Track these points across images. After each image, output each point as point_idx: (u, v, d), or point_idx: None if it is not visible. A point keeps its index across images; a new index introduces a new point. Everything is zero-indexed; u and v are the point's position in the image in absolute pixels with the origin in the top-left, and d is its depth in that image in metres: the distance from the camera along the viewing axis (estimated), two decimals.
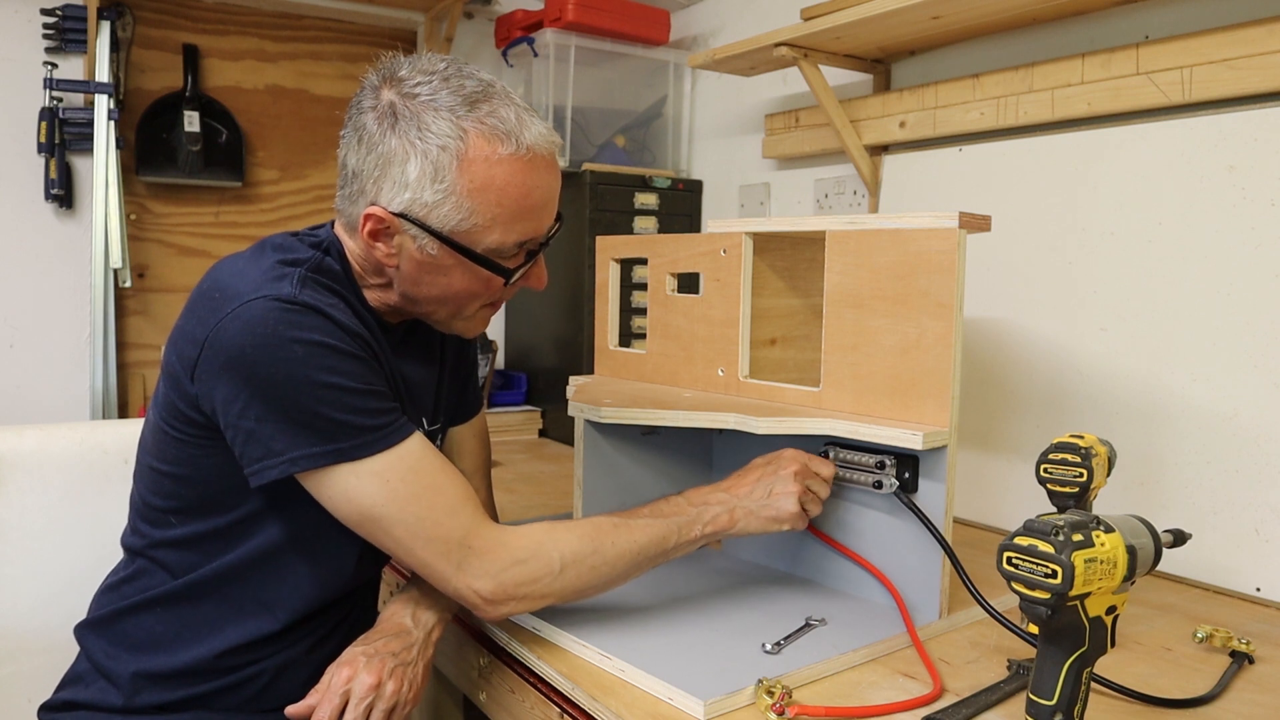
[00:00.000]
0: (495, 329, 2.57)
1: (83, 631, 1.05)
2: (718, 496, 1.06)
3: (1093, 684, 0.78)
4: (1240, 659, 1.01)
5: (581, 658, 0.97)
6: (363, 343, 0.93)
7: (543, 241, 1.01)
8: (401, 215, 0.93)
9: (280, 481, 0.89)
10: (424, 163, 0.90)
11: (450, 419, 1.22)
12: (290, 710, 0.91)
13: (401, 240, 0.95)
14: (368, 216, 0.93)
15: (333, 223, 1.05)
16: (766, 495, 1.07)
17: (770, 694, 0.85)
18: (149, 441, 1.00)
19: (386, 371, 0.99)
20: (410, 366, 1.08)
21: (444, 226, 0.93)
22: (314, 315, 0.88)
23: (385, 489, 0.90)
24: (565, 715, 0.92)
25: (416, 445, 0.93)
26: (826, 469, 1.11)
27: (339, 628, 1.08)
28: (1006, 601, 1.15)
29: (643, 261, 1.42)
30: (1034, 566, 0.67)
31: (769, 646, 0.97)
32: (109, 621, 1.02)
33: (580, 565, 0.95)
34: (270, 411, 0.87)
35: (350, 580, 1.06)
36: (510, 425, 2.36)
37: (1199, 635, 1.05)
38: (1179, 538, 0.88)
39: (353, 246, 1.01)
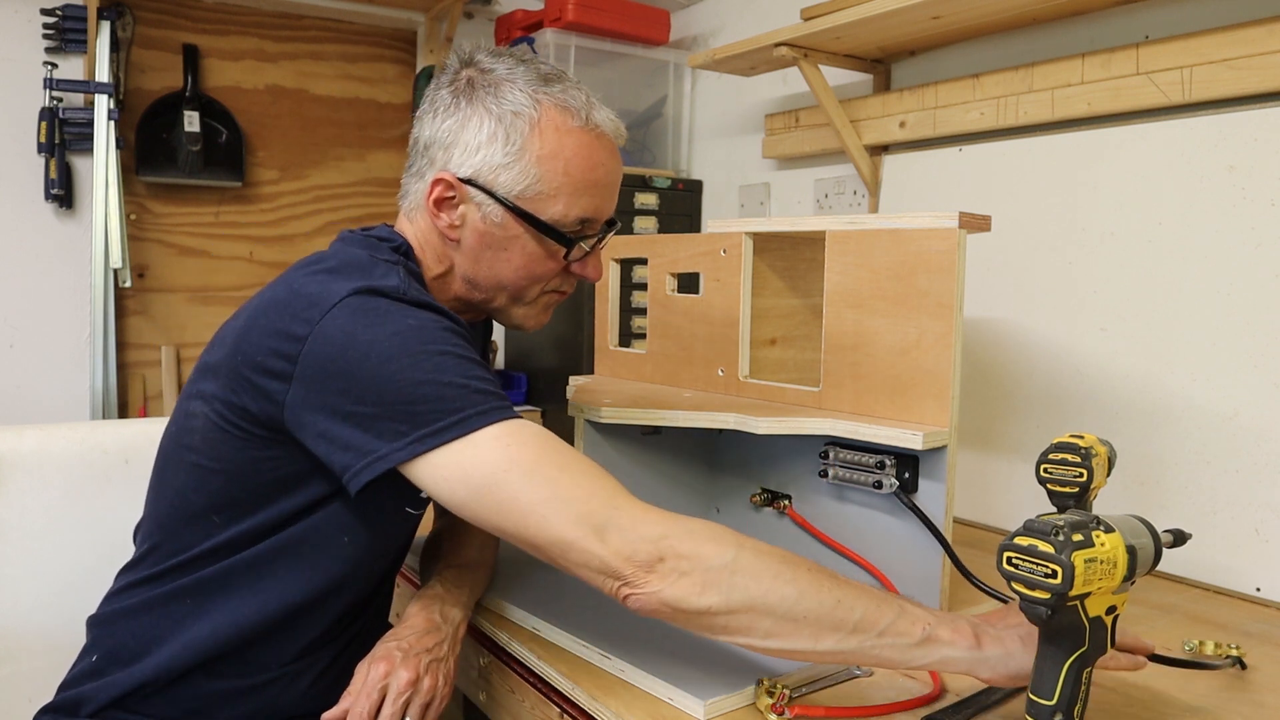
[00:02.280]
0: (495, 329, 2.57)
1: (98, 622, 1.03)
2: (963, 616, 0.84)
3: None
4: (1234, 664, 1.01)
5: (581, 658, 0.97)
6: (464, 329, 0.92)
7: (602, 231, 1.01)
8: (469, 181, 0.94)
9: (370, 483, 0.84)
10: (497, 126, 0.93)
11: None
12: (327, 716, 0.89)
13: (466, 210, 0.96)
14: (436, 181, 0.95)
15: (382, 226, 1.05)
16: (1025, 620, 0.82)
17: (770, 694, 0.85)
18: (194, 439, 0.96)
19: None
20: None
21: (510, 191, 0.94)
22: (425, 309, 0.88)
23: (505, 455, 0.81)
24: (565, 715, 0.92)
25: (538, 427, 0.86)
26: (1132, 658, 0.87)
27: (355, 638, 1.06)
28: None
29: (643, 261, 1.42)
30: (1034, 566, 0.67)
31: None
32: (130, 614, 1.01)
33: (760, 567, 0.79)
34: (385, 400, 0.82)
35: (365, 586, 1.05)
36: None
37: (1188, 646, 1.05)
38: (1179, 538, 0.88)
39: (417, 236, 1.01)
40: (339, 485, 0.88)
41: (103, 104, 1.94)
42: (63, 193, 1.98)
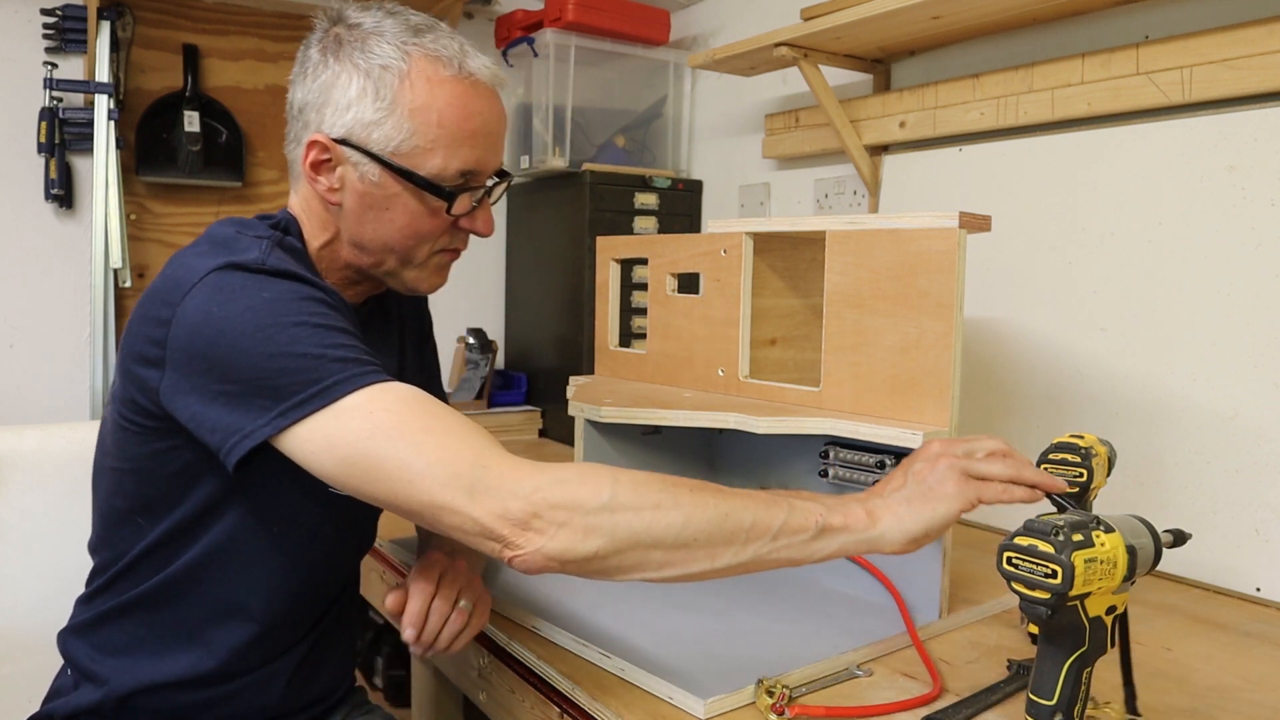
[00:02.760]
0: (495, 329, 2.57)
1: (65, 638, 1.02)
2: (851, 497, 0.86)
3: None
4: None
5: (582, 657, 0.97)
6: (338, 299, 0.89)
7: (489, 184, 0.98)
8: (343, 141, 0.91)
9: (242, 461, 0.82)
10: (365, 81, 0.90)
11: None
12: (407, 634, 0.94)
13: (344, 171, 0.93)
14: (311, 144, 0.92)
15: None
16: (917, 483, 0.86)
17: (770, 694, 0.85)
18: (108, 443, 0.97)
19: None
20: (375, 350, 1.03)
21: (385, 148, 0.91)
22: (286, 278, 0.85)
23: (368, 422, 0.78)
24: (565, 715, 0.92)
25: (405, 388, 0.83)
26: (986, 442, 0.89)
27: (317, 640, 1.05)
28: (1006, 601, 1.15)
29: (643, 261, 1.42)
30: (1034, 566, 0.67)
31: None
32: (90, 627, 1.00)
33: (640, 500, 0.77)
34: (245, 377, 0.80)
35: (322, 581, 1.03)
36: (510, 425, 2.36)
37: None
38: (1179, 538, 0.88)
39: (300, 207, 0.98)
40: (249, 476, 0.87)
41: (103, 104, 1.94)
42: (63, 193, 1.98)
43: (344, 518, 1.00)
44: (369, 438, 0.78)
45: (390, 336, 1.11)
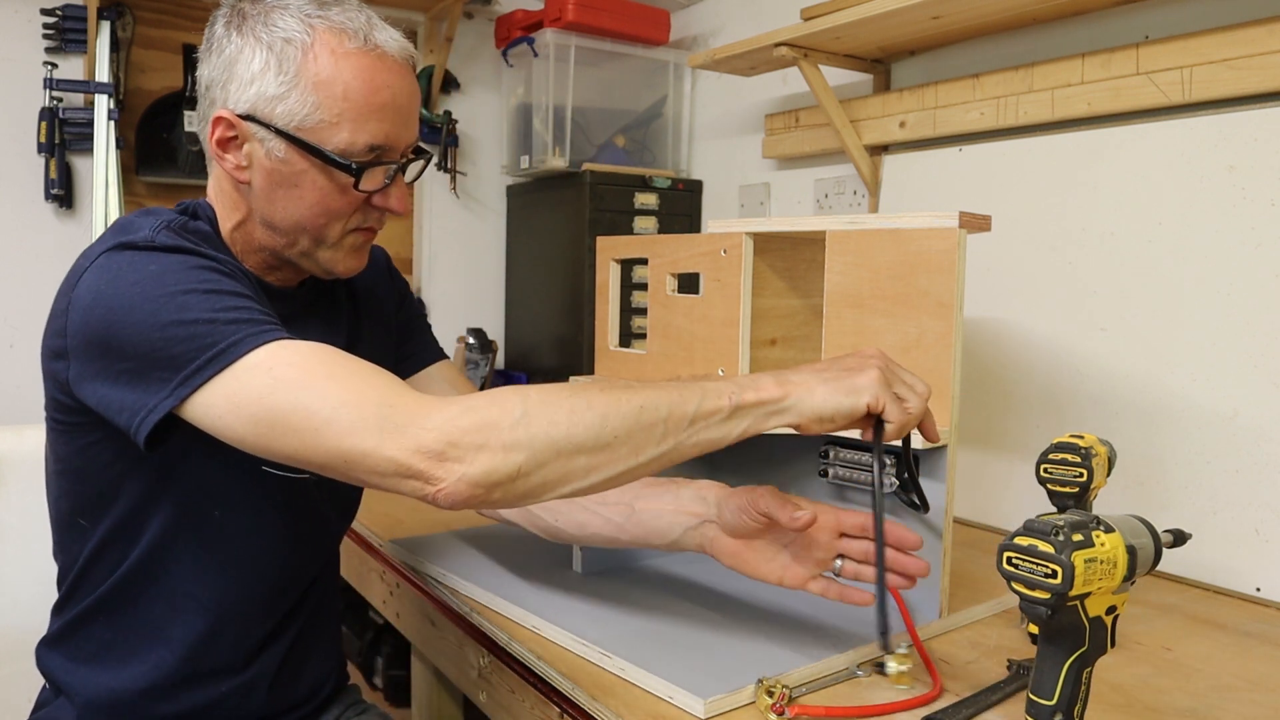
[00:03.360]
0: (495, 329, 2.57)
1: (41, 651, 1.01)
2: (765, 373, 0.84)
3: None
4: None
5: (582, 657, 0.97)
6: (235, 266, 0.87)
7: (401, 161, 0.94)
8: (248, 116, 0.88)
9: (165, 447, 0.81)
10: (268, 55, 0.87)
11: (400, 373, 1.12)
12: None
13: (251, 148, 0.90)
14: (216, 121, 0.89)
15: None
16: (839, 369, 0.85)
17: (770, 694, 0.85)
18: (47, 449, 0.97)
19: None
20: (307, 338, 0.94)
21: (289, 123, 0.88)
22: (174, 251, 0.83)
23: (269, 377, 0.77)
24: (565, 715, 0.92)
25: (307, 343, 0.81)
26: (919, 380, 0.87)
27: (296, 638, 1.03)
28: (1006, 601, 1.15)
29: (643, 261, 1.42)
30: (1034, 566, 0.67)
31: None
32: (62, 637, 0.99)
33: (553, 409, 0.76)
34: (141, 351, 0.79)
35: (281, 569, 1.00)
36: None
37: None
38: (1179, 538, 0.88)
39: (213, 189, 0.96)
40: (174, 458, 0.87)
41: (103, 104, 1.94)
42: (63, 193, 1.98)
43: (292, 501, 0.98)
44: (271, 392, 0.76)
45: (337, 318, 1.06)
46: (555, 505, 1.08)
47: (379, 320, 1.12)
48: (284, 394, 0.76)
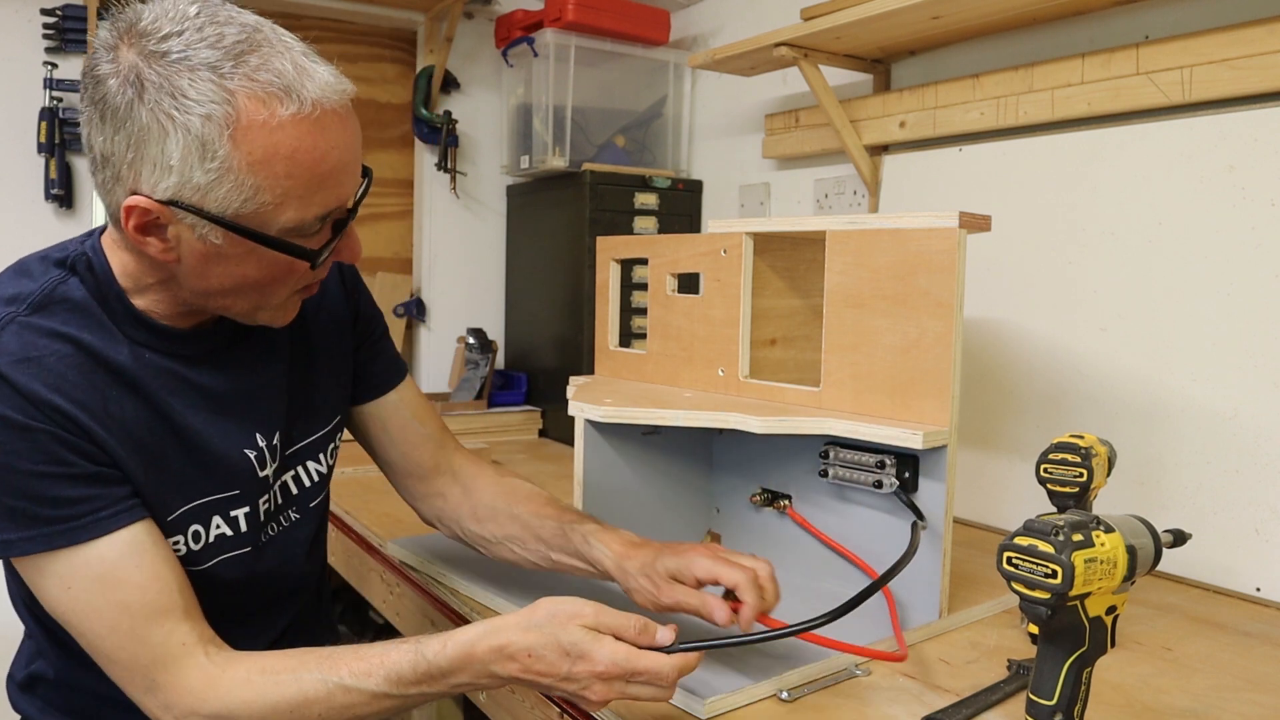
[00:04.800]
0: (495, 329, 2.57)
1: (13, 691, 0.99)
2: (494, 673, 0.79)
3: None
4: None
5: None
6: (51, 411, 0.77)
7: (350, 209, 0.84)
8: (171, 203, 0.75)
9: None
10: (186, 138, 0.73)
11: (358, 399, 1.10)
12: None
13: (178, 230, 0.77)
14: (129, 209, 0.76)
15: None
16: (553, 695, 0.85)
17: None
18: None
19: (133, 423, 0.83)
20: (227, 375, 0.91)
21: (225, 210, 0.76)
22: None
23: (67, 596, 0.78)
24: (565, 715, 0.92)
25: (115, 547, 0.79)
26: (657, 695, 0.79)
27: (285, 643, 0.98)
28: (1006, 601, 1.15)
29: (643, 261, 1.42)
30: (1034, 566, 0.67)
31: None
32: (31, 684, 0.97)
33: None
34: None
35: (228, 591, 0.93)
36: (510, 425, 2.36)
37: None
38: (1179, 538, 0.88)
39: (118, 251, 0.85)
40: None
41: None
42: (63, 193, 1.98)
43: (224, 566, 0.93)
44: (68, 612, 0.80)
45: (275, 344, 0.97)
46: (480, 545, 1.11)
47: (334, 339, 1.04)
48: (76, 619, 0.79)
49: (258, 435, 0.93)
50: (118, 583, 0.79)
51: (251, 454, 0.92)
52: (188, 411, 0.87)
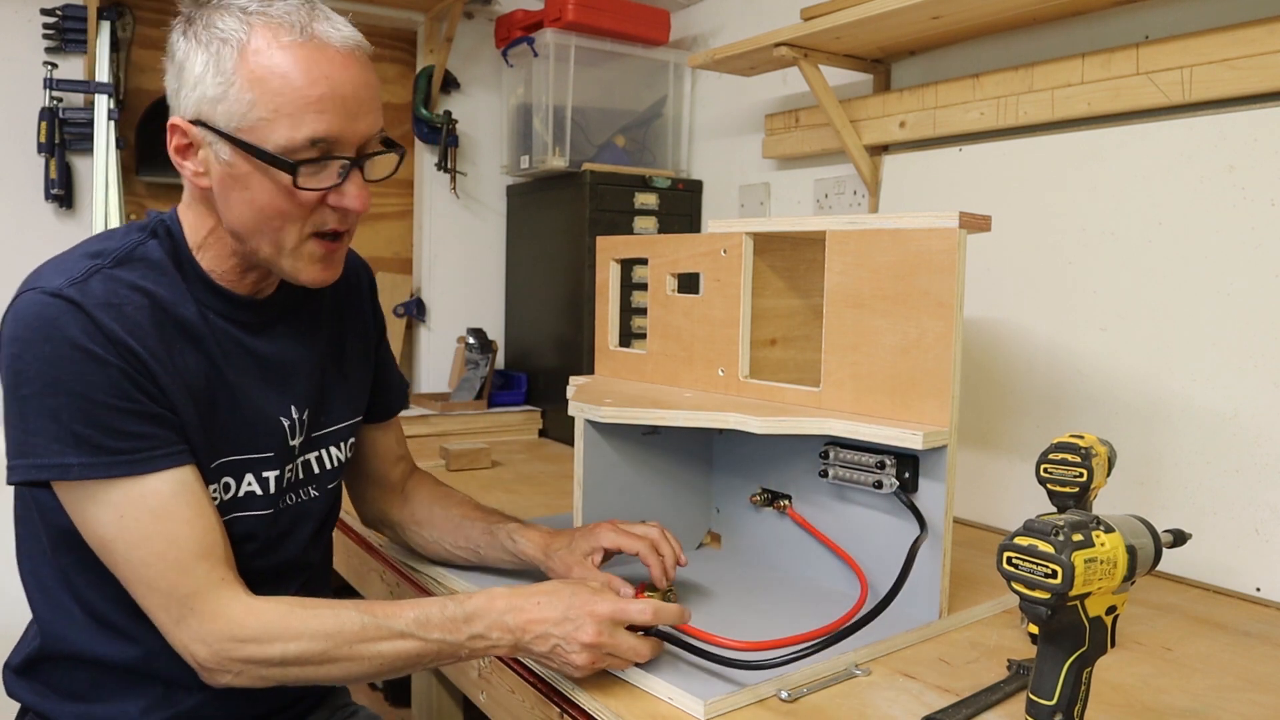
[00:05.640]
0: (495, 329, 2.57)
1: (9, 678, 1.01)
2: (505, 623, 0.89)
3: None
4: None
5: None
6: (126, 351, 0.85)
7: (355, 156, 0.90)
8: (196, 121, 0.87)
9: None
10: (206, 56, 0.86)
11: (370, 415, 1.18)
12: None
13: (205, 154, 0.89)
14: (170, 130, 0.89)
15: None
16: (549, 650, 0.89)
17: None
18: None
19: (193, 374, 0.91)
20: (277, 345, 1.00)
21: (230, 124, 0.86)
22: (75, 313, 0.83)
23: (119, 522, 0.85)
24: (565, 715, 0.92)
25: (168, 483, 0.86)
26: (637, 648, 0.90)
27: None
28: (1006, 601, 1.15)
29: (643, 261, 1.42)
30: (1034, 566, 0.67)
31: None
32: (30, 668, 0.99)
33: (305, 665, 0.86)
34: (21, 410, 0.84)
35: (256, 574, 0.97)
36: (510, 425, 2.36)
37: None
38: (1179, 538, 0.88)
39: (187, 201, 0.95)
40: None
41: (103, 104, 1.94)
42: (63, 193, 1.98)
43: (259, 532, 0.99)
44: (116, 537, 0.86)
45: (314, 332, 1.05)
46: (418, 546, 1.24)
47: (359, 342, 1.14)
48: (123, 545, 0.86)
49: (293, 407, 1.01)
50: (169, 516, 0.86)
51: (286, 422, 1.00)
52: (240, 372, 0.96)
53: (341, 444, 1.10)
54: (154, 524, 0.85)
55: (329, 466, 1.08)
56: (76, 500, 0.86)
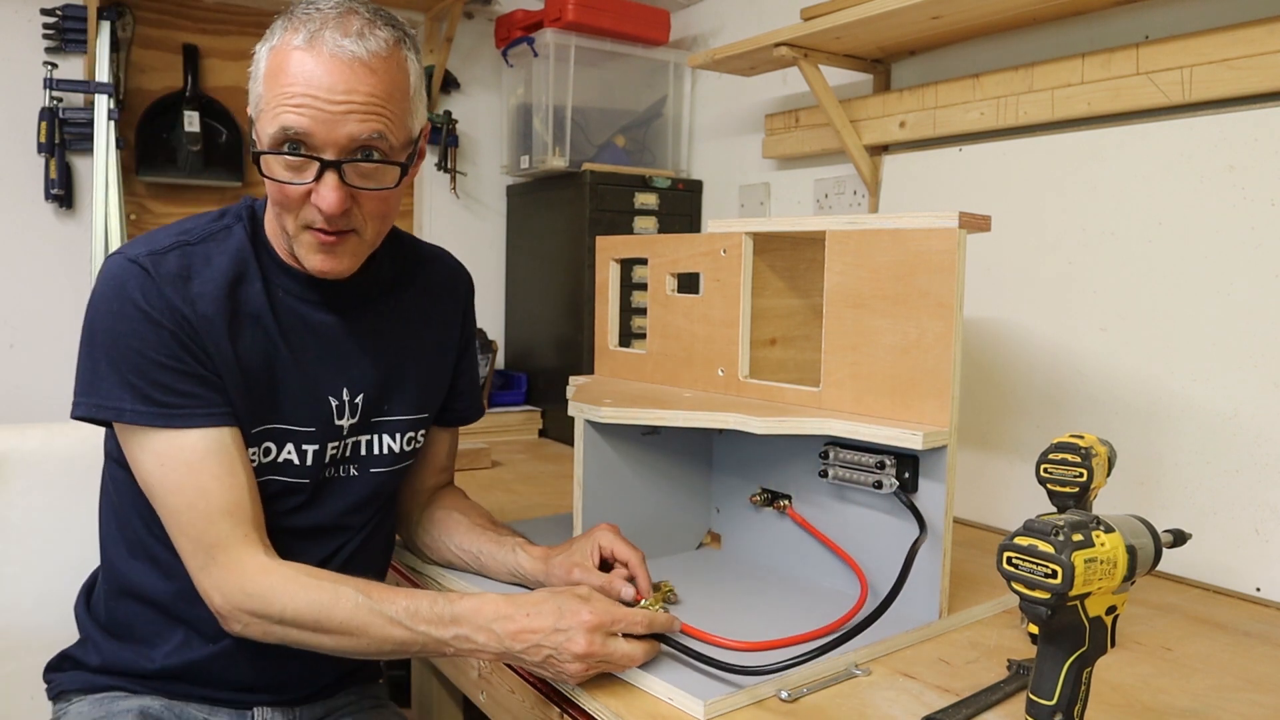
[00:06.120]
0: (495, 329, 2.57)
1: (79, 605, 1.13)
2: (492, 630, 0.89)
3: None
4: None
5: None
6: (180, 318, 0.94)
7: (331, 160, 0.91)
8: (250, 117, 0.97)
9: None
10: (256, 57, 0.95)
11: (440, 417, 1.21)
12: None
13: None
14: (248, 122, 0.99)
15: None
16: (543, 660, 0.89)
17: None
18: None
19: (248, 347, 0.98)
20: (345, 327, 1.06)
21: (252, 115, 0.96)
22: (143, 278, 0.93)
23: (160, 469, 0.94)
24: (565, 715, 0.92)
25: (205, 440, 0.94)
26: (631, 654, 0.90)
27: None
28: (1006, 601, 1.15)
29: (643, 261, 1.42)
30: (1034, 566, 0.67)
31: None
32: (90, 598, 1.13)
33: (299, 627, 0.92)
34: (92, 354, 0.94)
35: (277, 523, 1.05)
36: (510, 425, 2.36)
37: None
38: (1179, 538, 0.88)
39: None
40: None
41: (103, 104, 1.94)
42: (63, 193, 1.98)
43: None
44: (157, 483, 0.95)
45: (394, 320, 1.11)
46: (425, 549, 1.25)
47: (443, 345, 1.19)
48: (161, 491, 0.95)
49: (345, 389, 1.06)
50: (201, 470, 0.94)
51: (335, 401, 1.06)
52: (299, 348, 1.03)
53: (398, 435, 1.12)
54: (188, 475, 0.94)
55: (379, 452, 1.11)
56: (128, 442, 0.96)
